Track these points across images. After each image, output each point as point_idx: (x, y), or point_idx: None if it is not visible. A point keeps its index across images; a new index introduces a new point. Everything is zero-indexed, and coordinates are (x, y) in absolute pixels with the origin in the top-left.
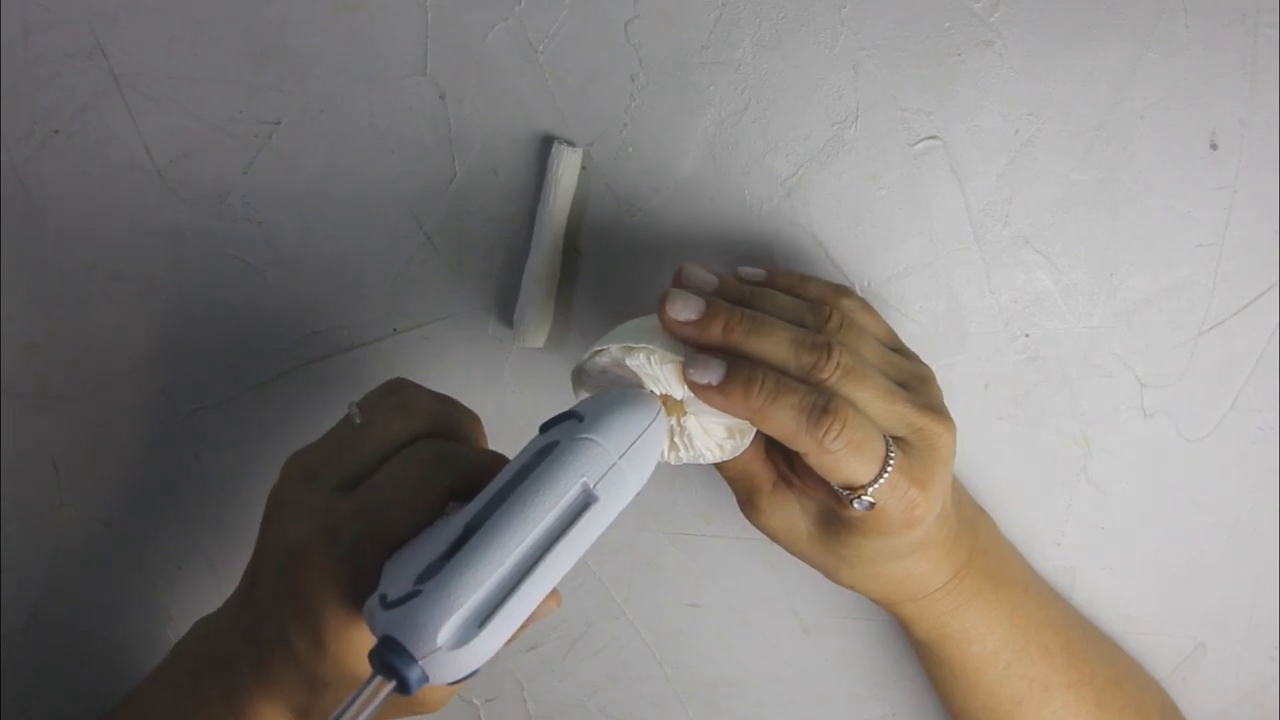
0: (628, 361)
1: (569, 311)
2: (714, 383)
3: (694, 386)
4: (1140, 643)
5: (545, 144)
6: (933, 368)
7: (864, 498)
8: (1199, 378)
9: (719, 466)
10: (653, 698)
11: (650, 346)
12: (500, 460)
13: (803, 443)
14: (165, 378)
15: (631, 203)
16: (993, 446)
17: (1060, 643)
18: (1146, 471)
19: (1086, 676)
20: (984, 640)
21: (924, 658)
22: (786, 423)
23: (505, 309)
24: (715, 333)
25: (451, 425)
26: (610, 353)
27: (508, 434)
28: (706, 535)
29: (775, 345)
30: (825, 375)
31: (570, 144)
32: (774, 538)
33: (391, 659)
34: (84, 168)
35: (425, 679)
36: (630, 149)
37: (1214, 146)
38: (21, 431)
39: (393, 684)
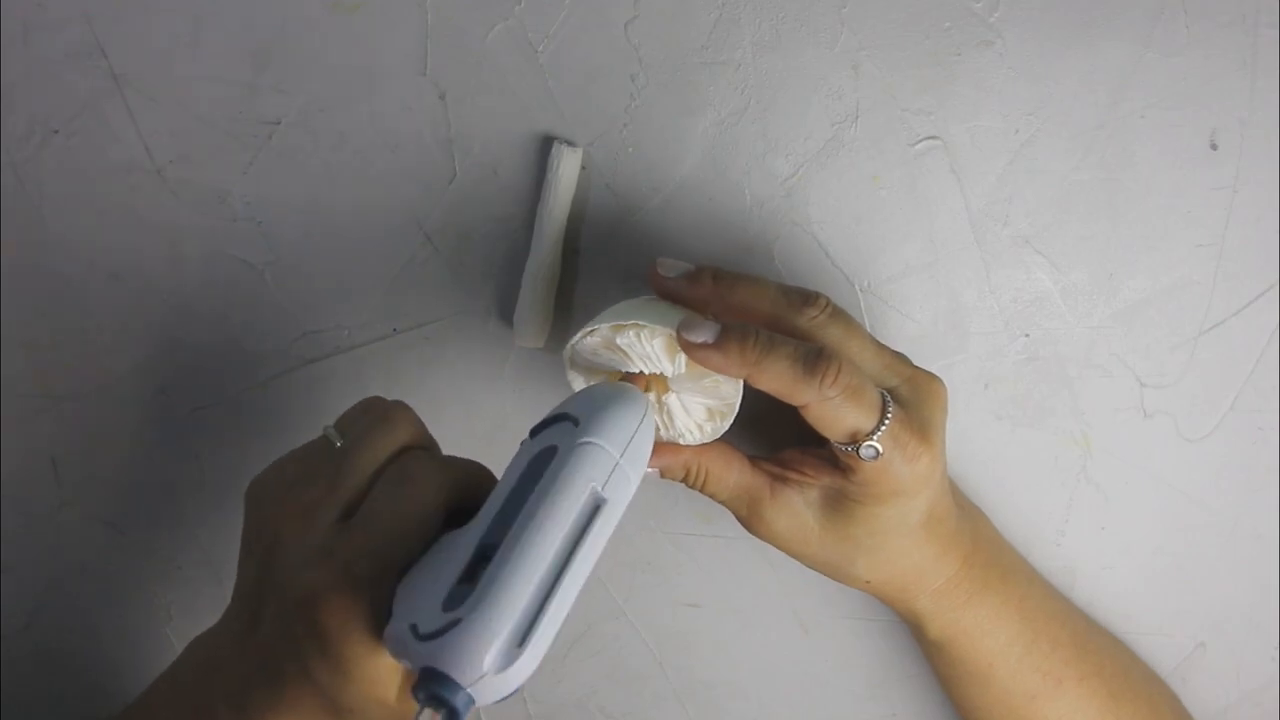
0: (618, 340)
1: (569, 311)
2: (709, 340)
3: (689, 347)
4: (1140, 643)
5: (545, 144)
6: (933, 368)
7: (870, 443)
8: (1199, 378)
9: (714, 494)
10: (653, 698)
11: (640, 322)
12: (482, 468)
13: (801, 393)
14: (165, 378)
15: (631, 203)
16: (993, 446)
17: (1068, 635)
18: (1146, 471)
19: (1096, 668)
20: (996, 634)
21: (937, 660)
22: (783, 374)
23: (505, 309)
24: (705, 282)
25: (426, 435)
26: (601, 332)
27: (508, 434)
28: (706, 535)
29: (763, 292)
30: (815, 312)
31: (570, 144)
32: (784, 545)
33: (438, 690)
34: (84, 168)
35: (472, 702)
36: (630, 149)
37: (1214, 146)
38: (21, 431)
39: (442, 713)
